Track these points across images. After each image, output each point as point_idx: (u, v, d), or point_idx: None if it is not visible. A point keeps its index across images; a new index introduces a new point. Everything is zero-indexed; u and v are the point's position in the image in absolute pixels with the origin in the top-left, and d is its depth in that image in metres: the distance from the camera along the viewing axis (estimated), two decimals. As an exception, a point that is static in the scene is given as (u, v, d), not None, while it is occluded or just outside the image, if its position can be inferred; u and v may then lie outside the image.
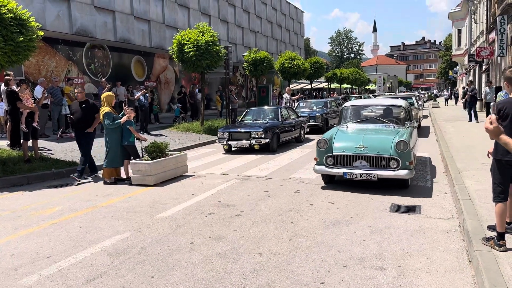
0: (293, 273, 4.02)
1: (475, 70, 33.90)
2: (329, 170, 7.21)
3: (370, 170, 6.87)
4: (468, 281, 3.79)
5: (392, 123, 8.18)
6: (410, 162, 6.83)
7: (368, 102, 9.98)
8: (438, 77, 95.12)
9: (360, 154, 6.99)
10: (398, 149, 6.78)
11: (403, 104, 8.70)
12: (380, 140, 7.15)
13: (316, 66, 31.02)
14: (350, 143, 7.23)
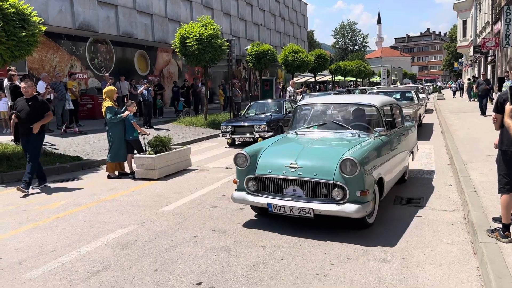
0: (297, 265, 4.02)
1: (481, 61, 33.63)
2: (250, 199, 5.04)
3: (305, 202, 4.70)
4: (473, 273, 3.77)
5: (358, 129, 5.81)
6: (363, 193, 4.57)
7: (330, 100, 7.00)
8: (443, 69, 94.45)
9: (291, 177, 4.80)
10: (344, 171, 4.56)
11: (376, 103, 6.07)
12: (324, 156, 4.97)
13: (320, 59, 30.89)
14: (281, 159, 5.00)
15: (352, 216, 4.54)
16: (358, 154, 4.72)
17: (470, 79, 33.51)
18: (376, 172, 4.93)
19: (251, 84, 37.51)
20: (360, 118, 6.20)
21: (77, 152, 10.54)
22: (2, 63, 8.84)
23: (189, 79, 26.44)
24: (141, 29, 22.64)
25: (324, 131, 5.95)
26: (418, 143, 9.55)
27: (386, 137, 5.70)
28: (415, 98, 15.09)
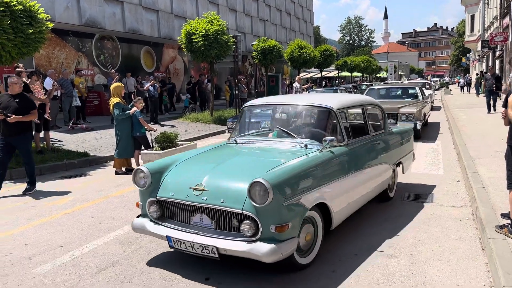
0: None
1: (489, 56, 33.33)
2: (150, 228, 3.97)
3: (211, 237, 3.61)
4: (481, 269, 3.75)
5: (308, 137, 4.66)
6: (280, 228, 3.43)
7: (280, 100, 5.76)
8: (451, 64, 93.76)
9: (195, 203, 3.74)
10: (253, 198, 3.43)
11: (332, 105, 4.73)
12: (236, 176, 3.81)
13: (326, 54, 30.75)
14: (188, 178, 3.93)
15: (262, 260, 3.40)
16: (275, 175, 3.56)
17: (478, 74, 33.25)
18: (312, 196, 3.77)
19: (257, 80, 37.44)
20: (311, 123, 5.14)
21: (84, 149, 10.60)
22: (10, 60, 8.89)
23: (195, 75, 26.46)
24: (147, 25, 22.66)
25: (268, 140, 4.85)
26: (421, 145, 9.65)
27: (344, 148, 4.51)
28: (419, 95, 13.46)
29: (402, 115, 10.89)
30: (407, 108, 11.21)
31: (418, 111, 11.16)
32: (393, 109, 10.88)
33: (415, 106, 11.44)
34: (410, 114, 10.86)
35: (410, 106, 11.45)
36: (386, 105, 11.26)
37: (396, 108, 11.07)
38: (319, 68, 31.93)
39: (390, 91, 14.49)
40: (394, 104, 11.60)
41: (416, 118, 10.88)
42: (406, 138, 6.35)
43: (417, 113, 11.02)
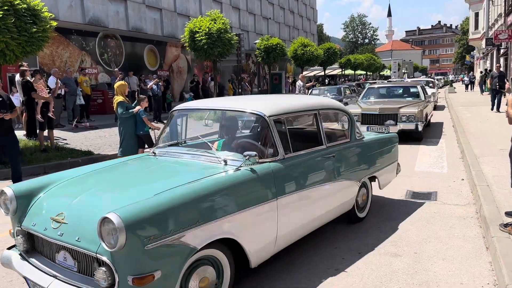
0: (307, 260, 4.02)
1: (493, 54, 33.18)
2: (15, 263, 3.23)
3: (71, 283, 2.83)
4: (485, 268, 3.74)
5: (230, 150, 4.00)
6: (139, 280, 2.59)
7: (207, 104, 4.98)
8: (455, 62, 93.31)
9: (51, 238, 2.98)
10: (104, 239, 2.62)
11: (263, 111, 3.80)
12: (100, 206, 2.95)
13: (329, 52, 30.70)
14: (52, 205, 3.21)
15: None
16: (135, 208, 2.69)
17: (483, 72, 33.11)
18: (206, 232, 2.93)
19: (260, 78, 37.42)
20: (239, 133, 4.55)
21: (88, 147, 10.63)
22: (14, 58, 8.92)
23: (198, 73, 26.46)
24: (151, 24, 22.68)
25: (188, 151, 4.04)
26: (423, 145, 9.62)
27: (277, 164, 3.63)
28: (421, 94, 12.51)
29: (403, 115, 10.28)
30: (408, 108, 10.53)
31: (419, 111, 10.39)
32: (393, 109, 10.48)
33: (416, 106, 10.71)
34: (410, 115, 10.26)
35: (411, 106, 10.74)
36: (386, 105, 11.00)
37: (396, 108, 10.50)
38: (322, 66, 31.89)
39: (391, 90, 13.64)
40: (394, 104, 11.12)
41: (417, 119, 10.24)
42: (384, 147, 5.41)
43: (418, 113, 10.30)
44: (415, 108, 10.62)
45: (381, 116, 10.46)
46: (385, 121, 10.35)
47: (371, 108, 10.76)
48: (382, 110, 10.55)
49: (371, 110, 10.66)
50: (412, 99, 12.20)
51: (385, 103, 11.69)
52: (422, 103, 11.54)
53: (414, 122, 10.24)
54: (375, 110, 10.59)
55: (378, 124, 10.38)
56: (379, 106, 10.86)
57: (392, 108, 10.62)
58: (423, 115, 10.82)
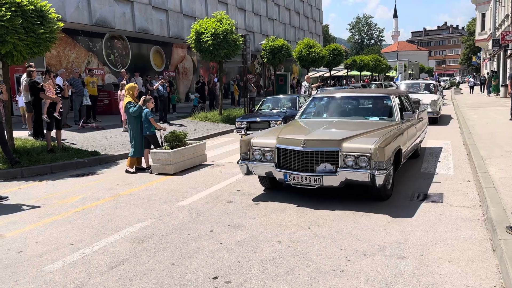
0: (313, 261, 4.01)
1: (500, 55, 32.96)
2: None
3: None
4: (492, 270, 3.72)
5: None
6: None
7: None
8: (461, 63, 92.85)
9: None
10: None
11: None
12: None
13: (335, 53, 30.61)
14: None
15: None
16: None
17: (489, 73, 32.89)
18: None
19: (265, 79, 37.43)
20: None
21: (95, 147, 10.68)
22: (21, 59, 9.00)
23: (204, 74, 26.51)
24: (157, 25, 22.77)
25: None
26: (431, 144, 9.57)
27: None
28: (395, 111, 7.14)
29: (348, 155, 5.52)
30: (358, 142, 5.65)
31: (379, 149, 5.38)
32: (329, 143, 5.65)
33: (377, 137, 5.77)
34: (362, 154, 5.46)
35: (366, 137, 5.89)
36: (319, 134, 5.99)
37: (335, 141, 5.64)
38: (328, 67, 31.82)
39: (348, 102, 7.94)
40: (335, 133, 6.12)
41: (375, 162, 5.38)
42: None
43: (376, 152, 5.38)
44: (371, 141, 5.56)
45: (308, 155, 5.65)
46: (316, 165, 5.63)
47: (292, 140, 5.85)
48: (310, 143, 5.66)
49: (292, 143, 5.81)
50: (378, 120, 7.06)
51: (327, 127, 6.54)
52: (391, 128, 6.39)
53: (367, 169, 5.40)
54: (298, 144, 5.71)
55: (302, 171, 5.68)
56: (306, 135, 5.85)
57: (328, 140, 5.69)
58: (388, 154, 5.54)
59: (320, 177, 5.56)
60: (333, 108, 7.75)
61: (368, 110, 7.72)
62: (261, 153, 6.10)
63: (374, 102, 7.87)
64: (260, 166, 6.08)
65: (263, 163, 6.07)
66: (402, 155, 6.34)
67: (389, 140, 5.72)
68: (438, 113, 15.01)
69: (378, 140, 5.58)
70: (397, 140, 6.01)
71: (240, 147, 6.31)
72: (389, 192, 5.97)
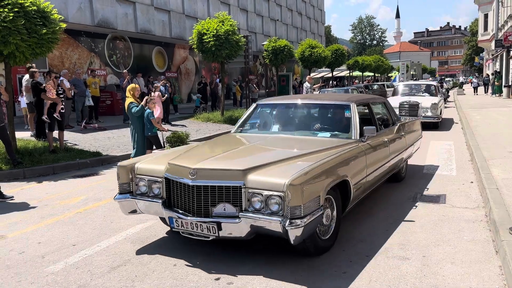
0: (315, 262, 4.00)
1: (502, 55, 32.88)
2: None
3: None
4: (494, 272, 3.70)
5: None
6: None
7: None
8: (464, 63, 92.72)
9: None
10: None
11: None
12: None
13: (337, 54, 30.61)
14: None
15: None
16: None
17: (493, 73, 32.83)
18: None
19: (267, 80, 37.44)
20: None
21: (97, 148, 10.69)
22: (24, 60, 9.02)
23: (206, 75, 26.54)
24: (159, 25, 22.80)
25: None
26: (434, 144, 8.95)
27: None
28: (352, 127, 5.24)
29: (254, 193, 3.75)
30: (268, 175, 3.81)
31: (293, 187, 3.55)
32: (232, 175, 3.88)
33: (302, 166, 3.94)
34: (272, 193, 3.66)
35: (285, 165, 4.05)
36: (220, 164, 4.08)
37: (238, 172, 3.85)
38: (330, 67, 31.82)
39: (297, 112, 6.20)
40: (240, 162, 4.21)
41: (288, 207, 3.57)
42: None
43: (288, 192, 3.55)
44: (290, 172, 3.74)
45: (200, 191, 3.89)
46: (213, 205, 3.87)
47: (181, 168, 4.10)
48: (202, 174, 3.91)
49: (180, 172, 4.09)
50: (328, 137, 5.30)
51: (233, 150, 4.76)
52: (337, 152, 4.51)
53: (279, 216, 3.63)
54: (186, 174, 3.98)
55: (193, 213, 3.93)
56: (200, 161, 4.11)
57: (227, 170, 3.92)
58: (312, 193, 3.74)
59: (214, 226, 3.76)
60: (278, 120, 6.04)
61: (321, 122, 5.77)
62: (147, 184, 4.37)
63: (328, 113, 5.96)
64: (146, 203, 4.34)
65: (149, 199, 4.33)
66: (352, 189, 4.45)
67: (318, 172, 3.90)
68: (439, 117, 13.52)
69: (298, 172, 3.70)
70: (340, 169, 4.27)
71: (118, 175, 4.51)
72: (326, 243, 4.18)
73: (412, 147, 7.11)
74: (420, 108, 12.89)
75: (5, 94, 8.56)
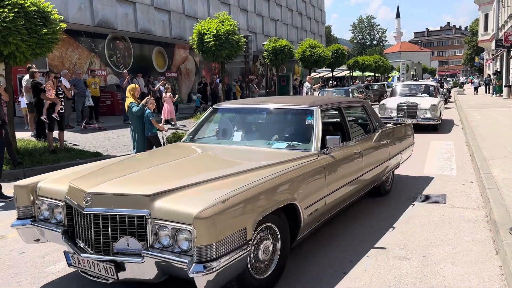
0: (315, 263, 4.00)
1: (503, 55, 32.89)
2: None
3: None
4: (495, 272, 3.70)
5: None
6: None
7: None
8: (464, 63, 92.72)
9: None
10: None
11: None
12: None
13: (337, 54, 30.66)
14: None
15: None
16: None
17: (495, 73, 32.83)
18: None
19: (267, 80, 37.44)
20: None
21: (97, 148, 10.69)
22: (24, 60, 9.01)
23: (206, 75, 26.55)
24: (159, 26, 22.80)
25: None
26: (434, 144, 8.49)
27: None
28: (313, 137, 4.42)
29: (161, 226, 2.99)
30: (178, 202, 2.99)
31: (200, 222, 2.76)
32: (134, 201, 3.06)
33: (229, 189, 3.15)
34: (181, 226, 2.88)
35: (208, 188, 3.23)
36: (121, 187, 3.23)
37: (143, 198, 3.05)
38: (330, 67, 31.83)
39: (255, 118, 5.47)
40: (148, 186, 3.28)
41: (195, 247, 2.81)
42: None
43: (195, 227, 2.78)
44: (208, 199, 2.93)
45: (97, 221, 3.11)
46: (114, 239, 3.07)
47: (76, 192, 3.34)
48: (98, 200, 3.11)
49: (76, 196, 3.32)
50: (283, 148, 4.51)
51: (153, 167, 3.88)
52: (285, 169, 3.74)
53: (188, 255, 2.89)
54: (81, 199, 3.21)
55: (92, 248, 3.16)
56: (100, 183, 3.32)
57: (129, 196, 3.09)
58: (232, 227, 2.94)
59: (111, 266, 3.02)
60: (234, 127, 5.31)
61: (280, 131, 4.92)
62: (48, 208, 3.69)
63: (288, 119, 5.10)
64: (48, 231, 3.62)
65: (51, 226, 3.61)
66: (302, 214, 3.66)
67: (245, 197, 3.07)
68: (438, 119, 12.86)
69: (213, 201, 2.89)
70: (284, 191, 3.48)
71: (15, 197, 3.95)
72: (264, 284, 3.38)
73: (400, 155, 6.32)
74: (419, 109, 12.57)
75: (5, 94, 8.55)
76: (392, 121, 12.61)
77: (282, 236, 3.54)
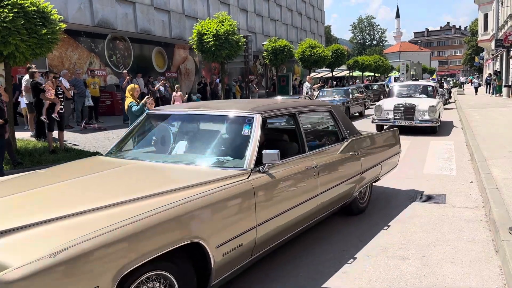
0: (314, 262, 4.00)
1: (502, 55, 32.90)
2: None
3: None
4: (494, 272, 3.70)
5: None
6: None
7: None
8: (464, 63, 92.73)
9: None
10: None
11: None
12: None
13: (337, 54, 30.64)
14: None
15: None
16: None
17: (495, 73, 32.84)
18: None
19: (267, 80, 37.43)
20: None
21: (97, 148, 10.69)
22: (23, 60, 9.01)
23: (205, 75, 26.55)
24: (159, 26, 22.79)
25: None
26: (434, 144, 8.35)
27: None
28: (248, 151, 3.58)
29: None
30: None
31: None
32: None
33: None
34: None
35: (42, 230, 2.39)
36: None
37: None
38: (330, 67, 31.83)
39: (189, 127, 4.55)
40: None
41: None
42: None
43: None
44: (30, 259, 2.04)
45: None
46: None
47: None
48: None
49: None
50: (208, 165, 3.64)
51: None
52: (201, 193, 2.97)
53: None
54: None
55: None
56: None
57: None
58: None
59: None
60: (161, 136, 4.49)
61: (213, 142, 4.08)
62: None
63: (222, 128, 4.14)
64: None
65: None
66: (212, 255, 2.88)
67: (103, 242, 2.29)
68: (437, 121, 12.28)
69: (41, 253, 2.10)
70: (183, 227, 2.74)
71: None
72: None
73: (379, 167, 5.49)
74: (417, 111, 12.01)
75: (5, 94, 8.56)
76: (389, 123, 12.31)
77: (182, 286, 2.73)
